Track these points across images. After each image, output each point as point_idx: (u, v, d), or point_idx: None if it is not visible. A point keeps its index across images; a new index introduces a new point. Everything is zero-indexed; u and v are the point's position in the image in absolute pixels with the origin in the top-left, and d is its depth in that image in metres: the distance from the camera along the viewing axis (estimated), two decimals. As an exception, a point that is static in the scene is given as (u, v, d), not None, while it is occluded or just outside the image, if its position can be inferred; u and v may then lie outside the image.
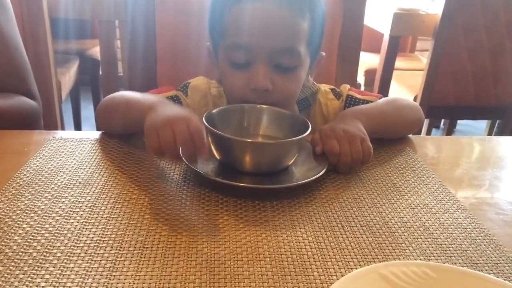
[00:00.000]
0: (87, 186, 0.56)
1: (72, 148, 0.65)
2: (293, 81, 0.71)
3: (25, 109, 0.88)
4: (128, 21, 1.05)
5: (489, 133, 2.30)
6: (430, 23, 1.70)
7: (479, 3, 1.65)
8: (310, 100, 0.79)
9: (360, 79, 2.13)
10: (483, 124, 2.48)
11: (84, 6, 1.68)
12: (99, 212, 0.51)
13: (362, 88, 2.17)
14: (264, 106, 0.66)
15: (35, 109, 0.91)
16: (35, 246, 0.44)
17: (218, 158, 0.61)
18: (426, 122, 2.16)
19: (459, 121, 2.63)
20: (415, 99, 1.82)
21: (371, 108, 0.73)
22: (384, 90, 1.88)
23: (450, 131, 2.42)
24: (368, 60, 2.14)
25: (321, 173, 0.59)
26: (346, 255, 0.46)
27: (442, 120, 2.70)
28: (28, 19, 1.35)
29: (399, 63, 1.97)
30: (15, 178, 0.56)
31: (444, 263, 0.46)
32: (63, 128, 1.65)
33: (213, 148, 0.60)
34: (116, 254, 0.44)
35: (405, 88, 1.95)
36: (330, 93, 0.80)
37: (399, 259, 0.46)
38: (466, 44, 1.71)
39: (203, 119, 0.60)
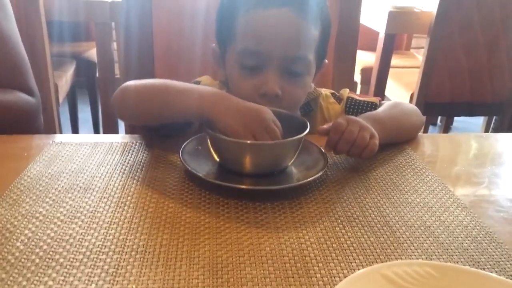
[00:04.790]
0: (87, 191, 0.56)
1: (72, 152, 0.65)
2: (301, 87, 0.72)
3: (21, 104, 0.87)
4: (122, 23, 1.05)
5: (486, 130, 2.31)
6: (425, 21, 1.70)
7: (474, 0, 1.65)
8: (312, 105, 0.80)
9: (357, 77, 2.13)
10: (480, 120, 2.49)
11: (79, 8, 1.67)
12: (100, 216, 0.51)
13: (359, 87, 2.17)
14: (262, 107, 0.66)
15: (33, 105, 0.90)
16: (37, 252, 0.44)
17: (217, 160, 0.61)
18: (423, 120, 2.17)
19: (456, 118, 2.63)
20: (411, 97, 1.83)
21: (384, 117, 0.71)
22: (380, 88, 1.88)
23: (447, 128, 2.43)
24: (364, 59, 2.14)
25: (321, 173, 0.59)
26: (348, 256, 0.46)
27: (439, 117, 2.71)
28: (25, 22, 1.34)
29: (395, 60, 1.98)
30: (16, 184, 0.56)
31: (446, 262, 0.46)
32: (60, 131, 1.65)
33: (212, 150, 0.60)
34: (118, 259, 0.44)
35: (402, 86, 1.95)
36: (331, 97, 0.81)
37: (401, 259, 0.46)
38: (461, 41, 1.71)
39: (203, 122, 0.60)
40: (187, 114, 0.63)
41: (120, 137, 0.71)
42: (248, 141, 0.56)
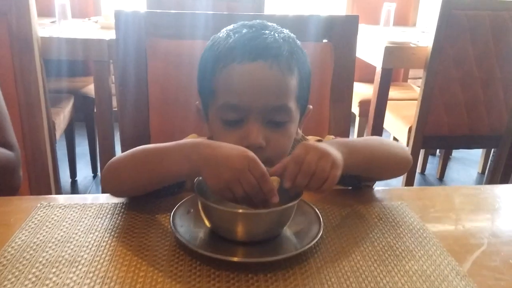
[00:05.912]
0: (73, 264, 0.54)
1: (60, 217, 0.63)
2: (285, 137, 0.71)
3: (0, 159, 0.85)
4: (117, 63, 1.04)
5: (485, 161, 2.30)
6: (421, 55, 1.71)
7: (469, 35, 1.67)
8: None
9: (355, 109, 2.13)
10: (479, 151, 2.48)
11: (77, 47, 1.68)
12: (85, 295, 0.49)
13: (357, 119, 2.17)
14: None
15: (11, 160, 0.89)
16: None
17: (209, 226, 0.59)
18: (422, 152, 2.16)
19: (454, 148, 2.62)
20: (410, 130, 1.82)
21: (356, 142, 0.71)
22: (378, 121, 1.88)
23: (446, 158, 2.42)
24: (362, 91, 2.14)
25: (315, 241, 0.57)
26: None
27: (438, 148, 2.70)
28: (19, 62, 1.34)
29: (392, 92, 1.98)
30: (-1, 257, 0.54)
31: None
32: (57, 170, 1.63)
33: (203, 216, 0.59)
34: None
35: (400, 119, 1.95)
36: None
37: None
38: (457, 75, 1.72)
39: (195, 187, 0.59)
40: (178, 174, 0.62)
41: (110, 197, 0.69)
42: (240, 210, 0.55)
